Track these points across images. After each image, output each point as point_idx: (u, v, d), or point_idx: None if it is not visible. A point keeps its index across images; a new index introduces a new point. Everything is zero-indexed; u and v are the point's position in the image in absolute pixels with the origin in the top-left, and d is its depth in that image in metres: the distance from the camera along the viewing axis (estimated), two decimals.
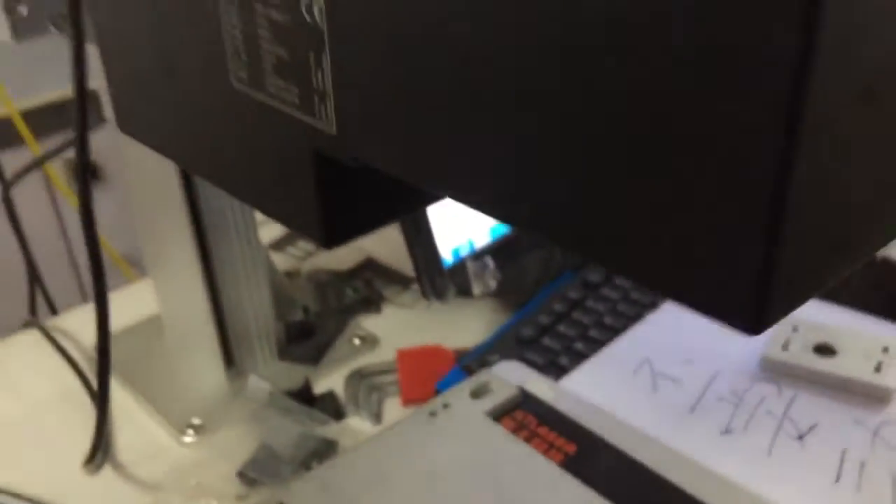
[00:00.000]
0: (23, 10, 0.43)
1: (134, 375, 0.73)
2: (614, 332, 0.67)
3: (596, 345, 0.66)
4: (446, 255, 0.69)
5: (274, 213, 0.31)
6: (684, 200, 0.18)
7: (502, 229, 0.73)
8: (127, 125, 0.38)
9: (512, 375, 0.57)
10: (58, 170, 1.43)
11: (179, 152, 0.35)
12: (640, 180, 0.19)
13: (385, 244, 0.88)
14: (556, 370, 0.63)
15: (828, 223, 0.18)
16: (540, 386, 0.56)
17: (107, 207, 1.51)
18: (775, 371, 0.61)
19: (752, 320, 0.18)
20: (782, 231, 0.17)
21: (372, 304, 0.82)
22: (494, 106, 0.22)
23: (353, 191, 0.29)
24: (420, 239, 0.67)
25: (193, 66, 0.31)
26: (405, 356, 0.69)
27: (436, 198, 0.30)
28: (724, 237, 0.17)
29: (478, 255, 0.70)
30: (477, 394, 0.56)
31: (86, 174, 0.42)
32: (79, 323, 0.83)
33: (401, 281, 0.85)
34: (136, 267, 1.38)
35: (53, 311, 0.94)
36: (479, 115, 0.22)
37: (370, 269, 0.87)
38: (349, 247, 0.91)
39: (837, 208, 0.18)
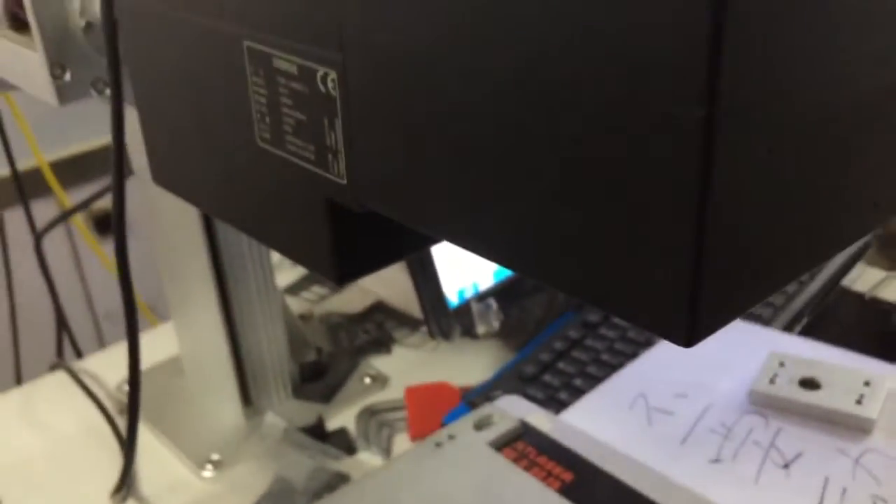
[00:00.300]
0: (67, 75, 0.48)
1: (156, 413, 0.77)
2: (612, 368, 0.71)
3: (594, 381, 0.69)
4: (452, 296, 0.73)
5: (291, 255, 0.36)
6: (630, 242, 0.22)
7: (505, 272, 0.77)
8: (161, 178, 0.42)
9: (513, 409, 0.61)
10: (80, 218, 1.49)
11: (208, 202, 0.40)
12: (592, 225, 0.23)
13: (394, 288, 0.92)
14: (556, 405, 0.67)
15: (745, 254, 0.22)
16: (539, 418, 0.60)
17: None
18: (763, 404, 0.64)
19: (686, 337, 0.22)
20: (705, 264, 0.21)
21: (382, 345, 0.86)
22: (476, 168, 0.26)
23: (363, 233, 0.33)
24: (426, 282, 0.72)
25: (224, 127, 0.36)
26: (413, 393, 0.73)
27: (436, 239, 0.35)
28: (661, 270, 0.21)
29: (482, 297, 0.74)
30: (480, 426, 0.59)
31: (122, 226, 0.46)
32: (103, 365, 0.87)
33: (409, 323, 0.89)
34: (156, 312, 1.43)
35: (79, 354, 0.99)
36: (464, 172, 0.26)
37: (380, 311, 0.91)
38: (360, 291, 0.95)
39: (752, 242, 0.22)
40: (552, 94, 0.22)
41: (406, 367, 0.83)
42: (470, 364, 0.81)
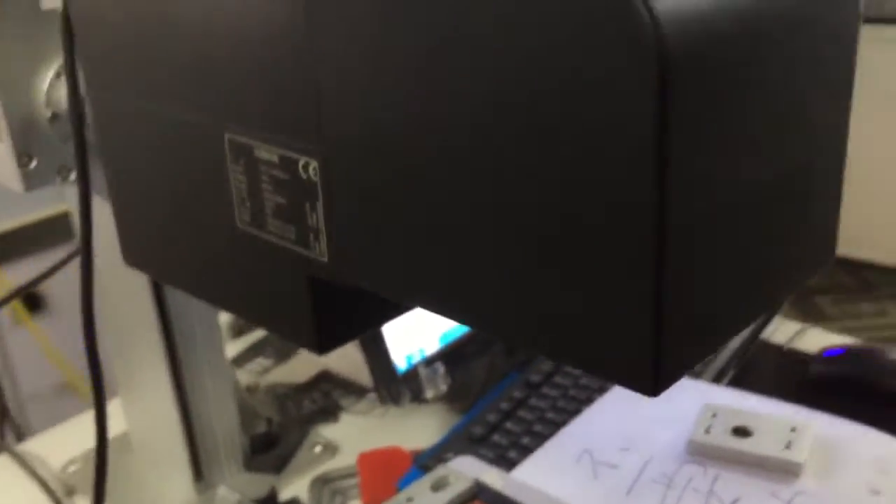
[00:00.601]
0: (33, 163, 0.50)
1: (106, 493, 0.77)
2: (556, 426, 0.74)
3: (541, 438, 0.72)
4: (400, 362, 0.76)
5: (271, 328, 0.38)
6: (602, 313, 0.25)
7: (451, 336, 0.80)
8: (133, 259, 0.44)
9: (467, 469, 0.63)
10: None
11: (184, 281, 0.42)
12: (567, 298, 0.26)
13: (339, 357, 0.94)
14: (506, 463, 0.69)
15: (694, 316, 0.25)
16: (492, 477, 0.62)
17: (53, 334, 1.54)
18: (700, 453, 0.68)
19: (652, 388, 0.25)
20: (664, 327, 0.24)
21: (330, 413, 0.87)
22: (452, 244, 0.29)
23: (341, 305, 0.36)
24: (375, 349, 0.74)
25: (202, 211, 0.38)
26: (365, 459, 0.75)
27: (410, 307, 0.37)
28: (629, 335, 0.25)
29: (429, 362, 0.77)
30: (437, 487, 0.62)
31: (90, 311, 0.48)
32: (44, 447, 0.86)
33: (356, 390, 0.91)
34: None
35: (19, 437, 0.97)
36: (440, 247, 0.29)
37: (326, 380, 0.93)
38: (305, 361, 0.97)
39: (700, 305, 0.26)
40: (519, 182, 0.26)
41: (355, 434, 0.85)
42: (418, 428, 0.83)
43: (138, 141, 0.40)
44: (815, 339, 0.95)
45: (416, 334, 0.77)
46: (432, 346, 0.79)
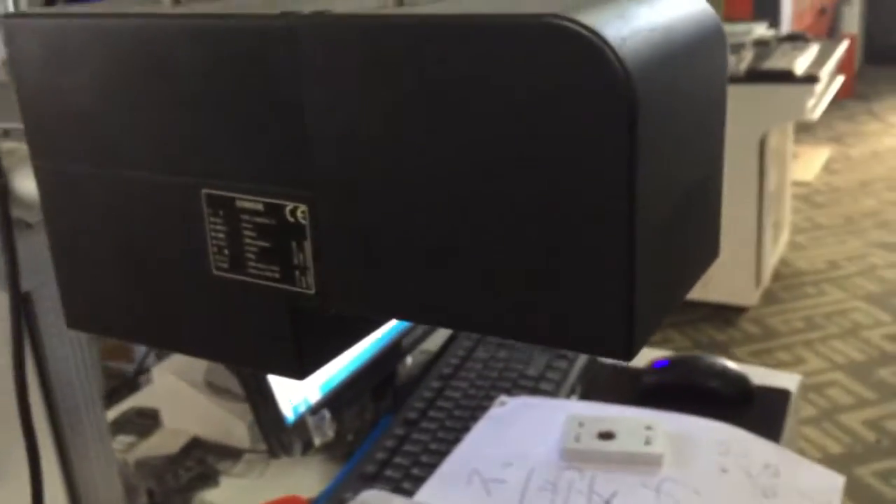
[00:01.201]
0: None
1: None
2: (441, 454, 0.80)
3: (429, 468, 0.78)
4: (287, 413, 0.79)
5: (249, 363, 0.42)
6: (582, 297, 0.32)
7: (330, 385, 0.84)
8: (79, 322, 0.46)
9: (378, 501, 0.67)
10: None
11: (146, 334, 0.44)
12: (544, 291, 0.33)
13: (207, 423, 0.95)
14: (403, 493, 0.74)
15: (648, 294, 0.33)
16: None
17: None
18: (574, 458, 0.76)
19: (626, 352, 0.32)
20: (633, 302, 0.31)
21: (209, 478, 0.88)
22: (432, 262, 0.35)
23: (318, 332, 0.40)
24: (264, 402, 0.77)
25: (168, 264, 0.42)
26: None
27: (381, 322, 0.42)
28: (608, 313, 0.32)
29: (314, 410, 0.80)
30: None
31: (24, 394, 0.49)
32: None
33: (229, 453, 0.92)
34: None
35: None
36: (423, 267, 0.35)
37: (198, 447, 0.93)
38: (171, 432, 0.97)
39: (656, 282, 0.33)
40: (505, 203, 0.32)
41: (238, 495, 0.86)
42: (299, 481, 0.86)
43: (94, 205, 0.43)
44: (639, 356, 1.07)
45: (299, 385, 0.81)
46: (314, 395, 0.82)
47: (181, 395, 0.95)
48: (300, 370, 0.40)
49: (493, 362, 0.96)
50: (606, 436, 0.77)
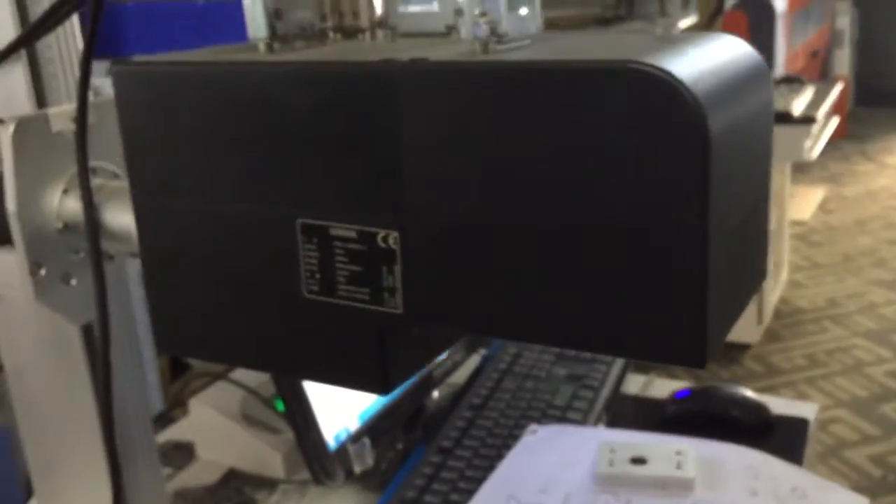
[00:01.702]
0: (42, 271, 0.54)
1: None
2: (477, 481, 0.83)
3: (467, 494, 0.80)
4: (329, 441, 0.82)
5: (335, 381, 0.45)
6: (661, 310, 0.36)
7: (368, 414, 0.87)
8: (170, 345, 0.50)
9: None
10: None
11: (237, 355, 0.48)
12: (626, 304, 0.36)
13: (242, 455, 0.98)
14: None
15: (719, 306, 0.37)
16: None
17: None
18: (609, 483, 0.79)
19: (700, 360, 0.36)
20: (706, 316, 0.35)
21: None
22: (520, 278, 0.39)
23: (403, 349, 0.44)
24: (308, 431, 0.80)
25: (263, 289, 0.45)
26: None
27: (456, 340, 0.46)
28: (685, 325, 0.35)
29: (355, 439, 0.83)
30: None
31: (110, 425, 0.52)
32: None
33: (266, 484, 0.95)
34: None
35: None
36: (512, 285, 0.39)
37: (235, 478, 0.96)
38: (208, 464, 0.99)
39: (722, 298, 0.37)
40: (593, 228, 0.36)
41: None
42: None
43: (192, 236, 0.47)
44: (660, 387, 1.10)
45: (339, 414, 0.84)
46: (354, 424, 0.85)
47: (218, 428, 0.98)
48: (385, 386, 0.44)
49: (521, 392, 0.99)
50: (639, 461, 0.81)
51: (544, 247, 0.38)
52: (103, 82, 0.53)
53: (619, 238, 0.36)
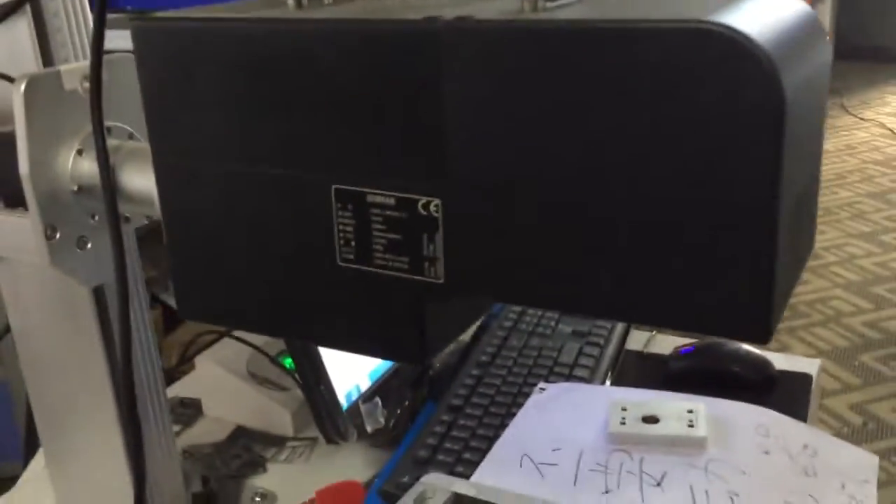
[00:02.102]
0: (57, 235, 0.52)
1: None
2: (489, 439, 0.82)
3: (480, 452, 0.80)
4: (341, 400, 0.81)
5: (367, 350, 0.44)
6: (725, 284, 0.35)
7: (378, 373, 0.86)
8: (194, 312, 0.48)
9: (440, 483, 0.70)
10: None
11: (264, 323, 0.47)
12: (687, 277, 0.35)
13: (249, 412, 0.97)
14: (459, 477, 0.77)
15: (781, 279, 0.36)
16: (464, 487, 0.69)
17: None
18: (622, 441, 0.79)
19: (765, 335, 0.35)
20: (772, 289, 0.34)
21: (258, 465, 0.90)
22: (569, 247, 0.37)
23: (439, 318, 0.43)
24: (321, 389, 0.79)
25: (294, 256, 0.44)
26: (323, 494, 0.79)
27: (489, 308, 0.45)
28: (751, 301, 0.34)
29: (366, 398, 0.83)
30: (419, 502, 0.68)
31: (131, 387, 0.51)
32: None
33: (274, 441, 0.94)
34: None
35: None
36: (561, 254, 0.38)
37: (244, 436, 0.95)
38: (216, 421, 0.99)
39: (783, 270, 0.36)
40: (655, 195, 0.35)
41: (286, 481, 0.88)
42: (346, 465, 0.88)
43: (218, 200, 0.45)
44: (663, 343, 1.10)
45: (350, 372, 0.83)
46: (364, 382, 0.85)
47: (225, 385, 0.97)
48: (422, 356, 0.43)
49: (527, 350, 0.99)
50: (650, 419, 0.80)
51: (598, 216, 0.36)
52: (109, 36, 0.51)
53: (683, 208, 0.34)
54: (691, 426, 0.79)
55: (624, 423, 0.80)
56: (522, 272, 0.39)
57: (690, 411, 0.81)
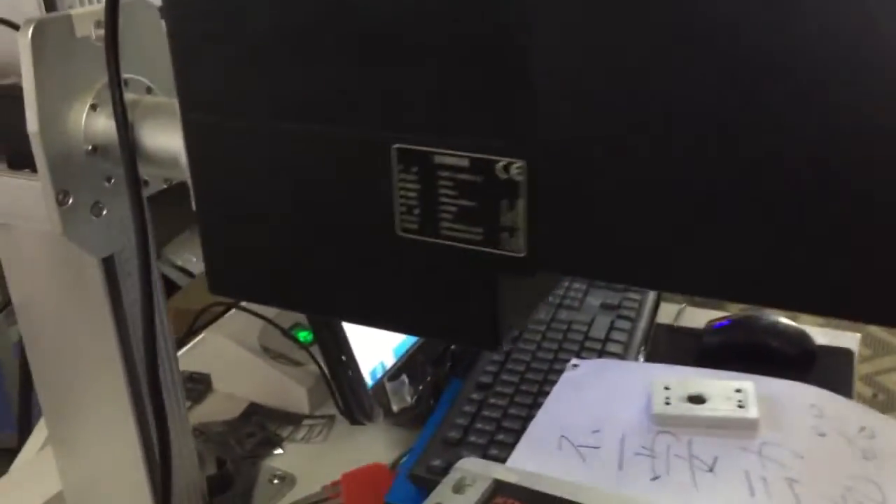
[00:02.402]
0: (70, 200, 0.47)
1: None
2: (522, 419, 0.77)
3: (513, 433, 0.75)
4: (366, 378, 0.76)
5: (430, 332, 0.39)
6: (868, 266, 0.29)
7: (403, 348, 0.81)
8: (228, 288, 0.43)
9: (478, 468, 0.65)
10: None
11: (310, 301, 0.41)
12: (818, 256, 0.30)
13: (263, 388, 0.92)
14: (492, 460, 0.72)
15: None
16: (504, 472, 0.65)
17: None
18: (668, 423, 0.74)
19: None
20: None
21: (274, 444, 0.85)
22: (685, 216, 0.32)
23: (512, 295, 0.38)
24: (345, 365, 0.74)
25: (346, 226, 0.38)
26: (348, 478, 0.74)
27: (551, 287, 0.39)
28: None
29: (392, 375, 0.78)
30: (458, 490, 0.63)
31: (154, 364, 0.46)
32: None
33: (290, 419, 0.89)
34: None
35: None
36: (675, 221, 0.32)
37: (257, 413, 0.90)
38: (228, 397, 0.93)
39: None
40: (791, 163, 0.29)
41: (304, 461, 0.83)
42: (367, 444, 0.83)
43: (258, 162, 0.39)
44: (694, 316, 1.05)
45: (374, 348, 0.78)
46: (389, 359, 0.79)
47: (236, 360, 0.92)
48: (496, 339, 0.38)
49: (556, 323, 0.94)
50: (696, 399, 0.76)
51: (722, 182, 0.31)
52: None
53: (820, 179, 0.29)
54: (741, 406, 0.74)
55: (668, 404, 0.75)
56: (622, 247, 0.33)
57: (739, 390, 0.76)
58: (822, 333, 1.00)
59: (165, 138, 0.45)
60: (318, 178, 0.38)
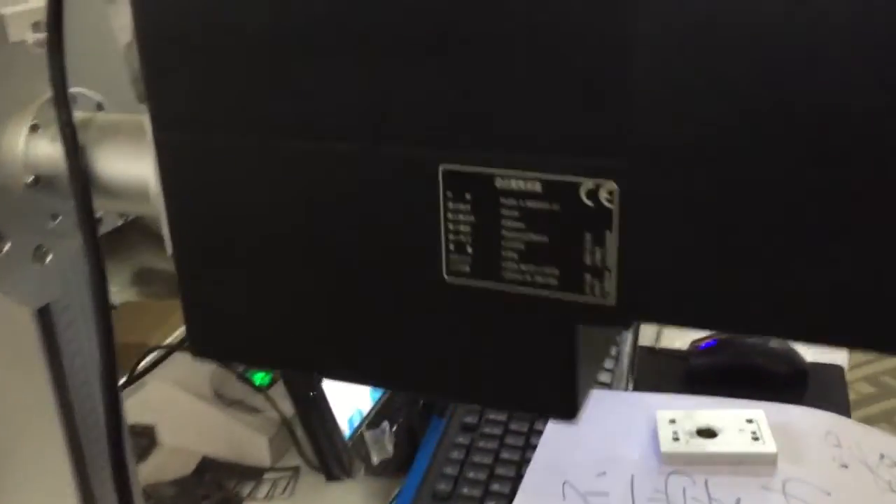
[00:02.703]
0: (7, 246, 0.37)
1: None
2: (516, 464, 0.70)
3: (509, 480, 0.68)
4: (343, 428, 0.68)
5: (491, 402, 0.31)
6: None
7: (381, 390, 0.73)
8: (216, 349, 0.34)
9: None
10: None
11: (327, 363, 0.33)
12: None
13: (217, 440, 0.83)
14: None
15: None
16: None
17: None
18: (679, 462, 0.67)
19: None
20: None
21: (232, 503, 0.76)
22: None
23: (588, 351, 0.30)
24: (320, 419, 0.65)
25: (370, 265, 0.31)
26: None
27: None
28: None
29: (371, 422, 0.69)
30: None
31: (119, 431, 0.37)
32: None
33: (247, 474, 0.80)
34: None
35: None
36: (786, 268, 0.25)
37: (211, 469, 0.81)
38: (177, 453, 0.84)
39: None
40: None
41: None
42: (336, 499, 0.75)
43: (255, 190, 0.31)
44: (672, 337, 0.99)
45: (350, 394, 0.69)
46: (366, 404, 0.71)
47: (185, 409, 0.82)
48: (573, 407, 0.30)
49: None
50: (706, 433, 0.69)
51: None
52: None
53: None
54: (756, 439, 0.68)
55: (677, 440, 0.69)
56: (730, 292, 0.26)
57: (750, 420, 0.70)
58: (809, 350, 0.96)
59: (125, 164, 0.37)
60: (337, 211, 0.30)
